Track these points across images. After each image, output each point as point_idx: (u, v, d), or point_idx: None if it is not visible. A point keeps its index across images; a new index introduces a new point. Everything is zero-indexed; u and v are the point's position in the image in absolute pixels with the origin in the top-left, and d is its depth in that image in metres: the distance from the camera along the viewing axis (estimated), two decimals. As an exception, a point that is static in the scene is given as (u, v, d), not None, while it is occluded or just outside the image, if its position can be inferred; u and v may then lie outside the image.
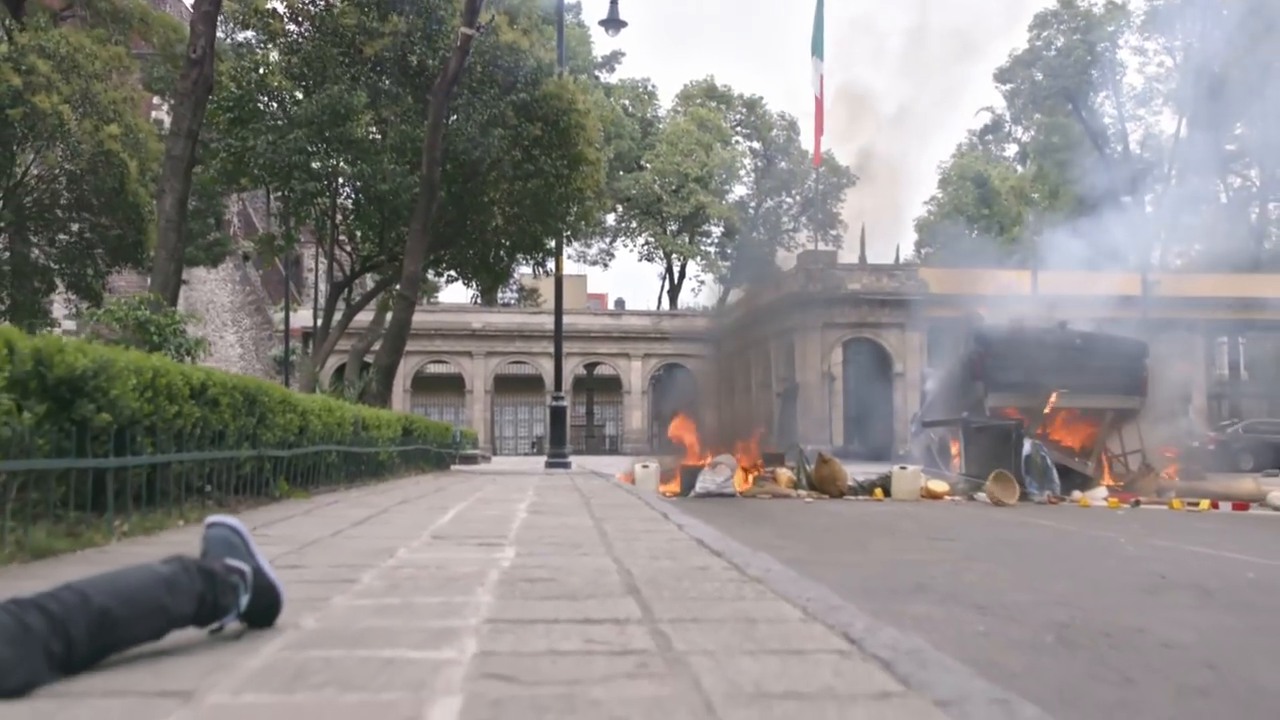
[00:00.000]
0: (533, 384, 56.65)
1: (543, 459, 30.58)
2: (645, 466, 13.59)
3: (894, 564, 6.38)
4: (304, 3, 18.50)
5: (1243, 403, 44.98)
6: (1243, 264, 43.07)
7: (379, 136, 18.80)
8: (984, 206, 58.05)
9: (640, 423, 56.21)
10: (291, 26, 18.51)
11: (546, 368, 55.02)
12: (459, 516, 6.53)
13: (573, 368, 53.17)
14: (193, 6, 18.73)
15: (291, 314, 42.78)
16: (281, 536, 5.10)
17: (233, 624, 2.53)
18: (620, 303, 72.02)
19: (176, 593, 2.31)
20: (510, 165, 18.12)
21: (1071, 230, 34.21)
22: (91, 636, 2.10)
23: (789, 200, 67.14)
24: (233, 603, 2.48)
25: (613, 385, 58.55)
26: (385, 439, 12.50)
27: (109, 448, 4.99)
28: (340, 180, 18.86)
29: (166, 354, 10.75)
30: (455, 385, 55.51)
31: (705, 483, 13.29)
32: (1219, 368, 47.72)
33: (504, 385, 57.04)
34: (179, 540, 4.82)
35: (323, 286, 42.95)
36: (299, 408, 8.33)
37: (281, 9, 18.62)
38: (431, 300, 45.88)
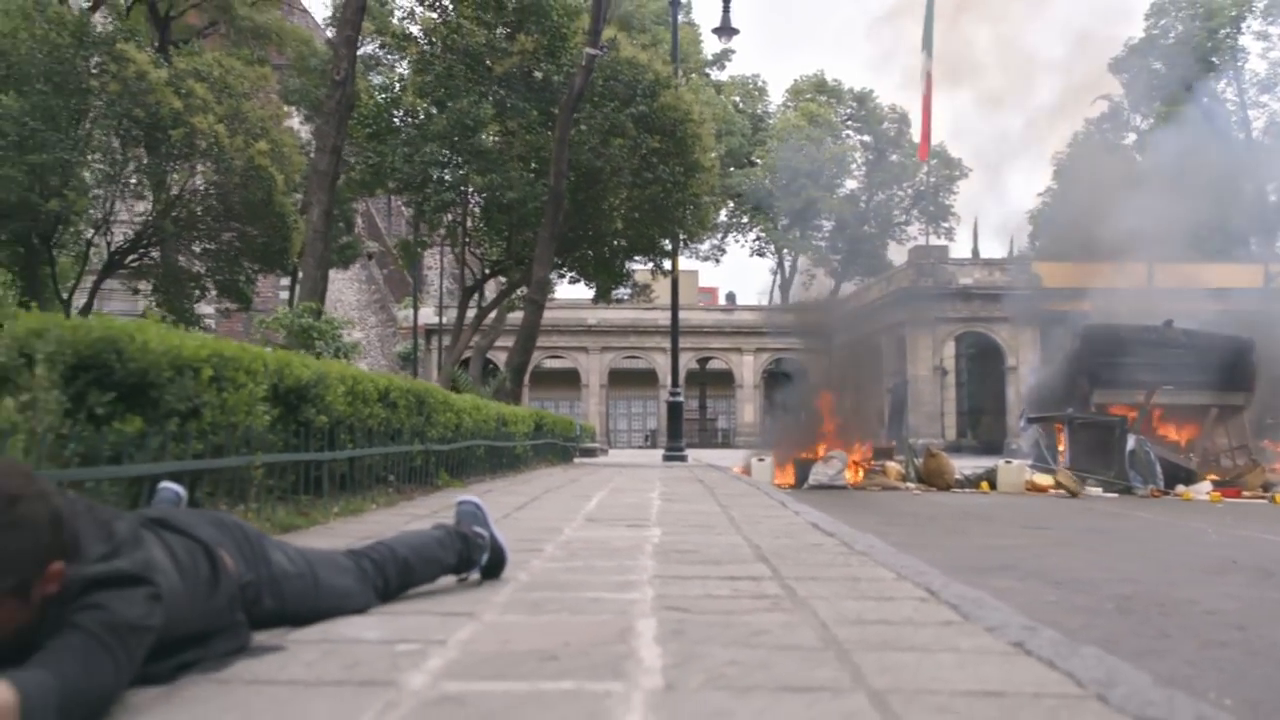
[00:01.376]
0: (646, 378, 57.79)
1: (656, 452, 31.59)
2: (761, 460, 14.43)
3: (987, 548, 7.16)
4: (435, 23, 19.72)
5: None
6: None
7: (505, 146, 19.94)
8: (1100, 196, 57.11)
9: (752, 416, 56.93)
10: (424, 46, 19.76)
11: (660, 362, 56.15)
12: (602, 504, 7.50)
13: (686, 362, 54.08)
14: (335, 31, 20.16)
15: (421, 310, 44.49)
16: (463, 518, 6.11)
17: (474, 575, 3.50)
18: (731, 297, 72.68)
19: (446, 549, 3.30)
20: (630, 173, 19.10)
21: (1191, 221, 33.87)
22: (399, 577, 3.09)
23: (900, 193, 66.99)
24: (478, 559, 3.46)
25: (725, 379, 59.35)
26: (520, 434, 13.59)
27: (323, 443, 6.07)
28: (470, 189, 20.03)
29: (324, 355, 11.98)
30: (571, 380, 56.92)
31: (818, 475, 14.10)
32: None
33: (618, 379, 58.27)
34: (380, 520, 5.86)
35: (450, 286, 44.58)
36: (455, 407, 9.41)
37: (415, 30, 19.89)
38: (549, 297, 47.40)
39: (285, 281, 37.66)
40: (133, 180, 22.82)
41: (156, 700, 1.94)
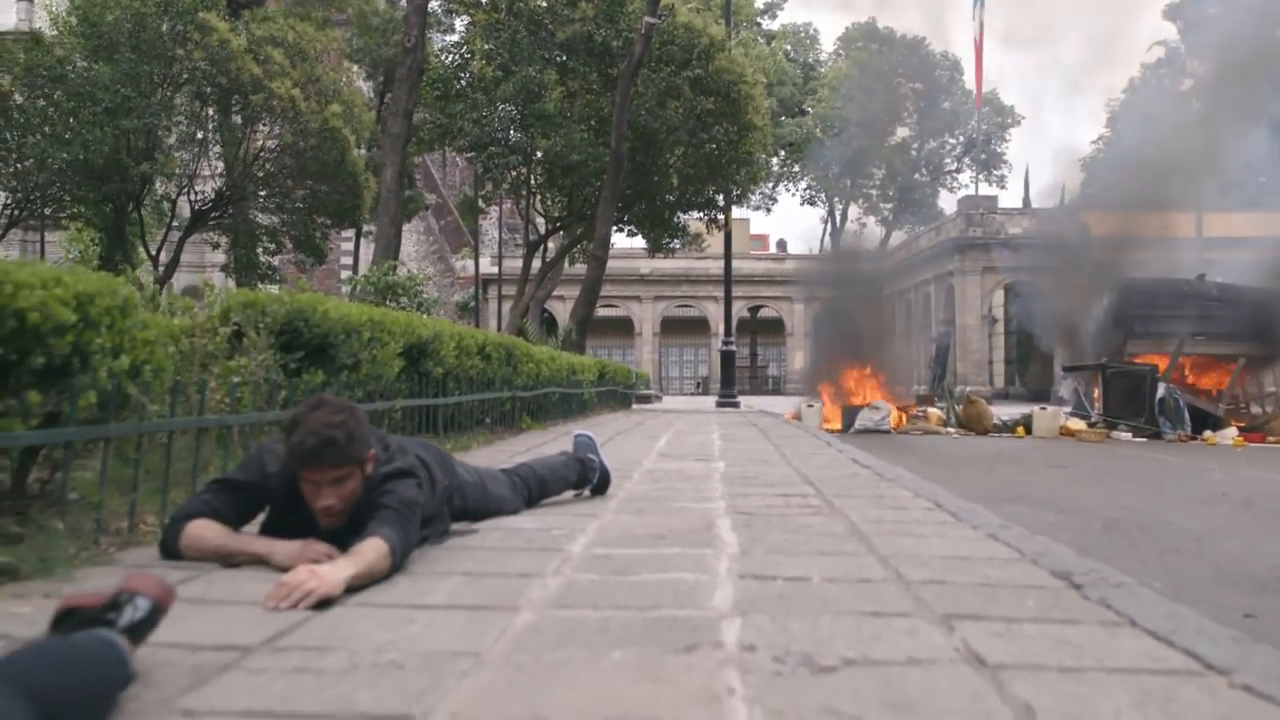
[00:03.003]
0: (698, 326, 58.78)
1: (708, 399, 32.59)
2: (810, 406, 15.43)
3: (1009, 482, 8.16)
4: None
5: None
6: None
7: (567, 109, 20.90)
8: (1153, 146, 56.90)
9: (803, 363, 57.78)
10: (490, 12, 20.73)
11: (711, 311, 57.10)
12: (670, 443, 8.59)
13: (737, 310, 54.94)
14: (407, 1, 21.12)
15: (471, 262, 45.69)
16: (555, 454, 7.23)
17: (587, 491, 4.59)
18: (782, 244, 73.15)
19: (569, 470, 4.40)
20: (685, 133, 20.02)
21: (1244, 168, 34.06)
22: (538, 489, 4.19)
23: (952, 141, 67.01)
24: (591, 479, 4.55)
25: (775, 327, 60.18)
26: (587, 381, 14.71)
27: (437, 390, 7.19)
28: (534, 151, 21.02)
29: (407, 309, 13.12)
30: (624, 328, 57.99)
31: (864, 420, 15.09)
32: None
33: (670, 327, 59.28)
34: (485, 456, 6.96)
35: (508, 238, 45.67)
36: (536, 358, 10.52)
37: (482, -2, 20.88)
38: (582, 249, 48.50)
39: (348, 236, 39.06)
40: (214, 143, 24.10)
41: (415, 559, 3.03)
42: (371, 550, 2.61)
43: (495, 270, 44.28)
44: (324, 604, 2.35)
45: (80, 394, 2.99)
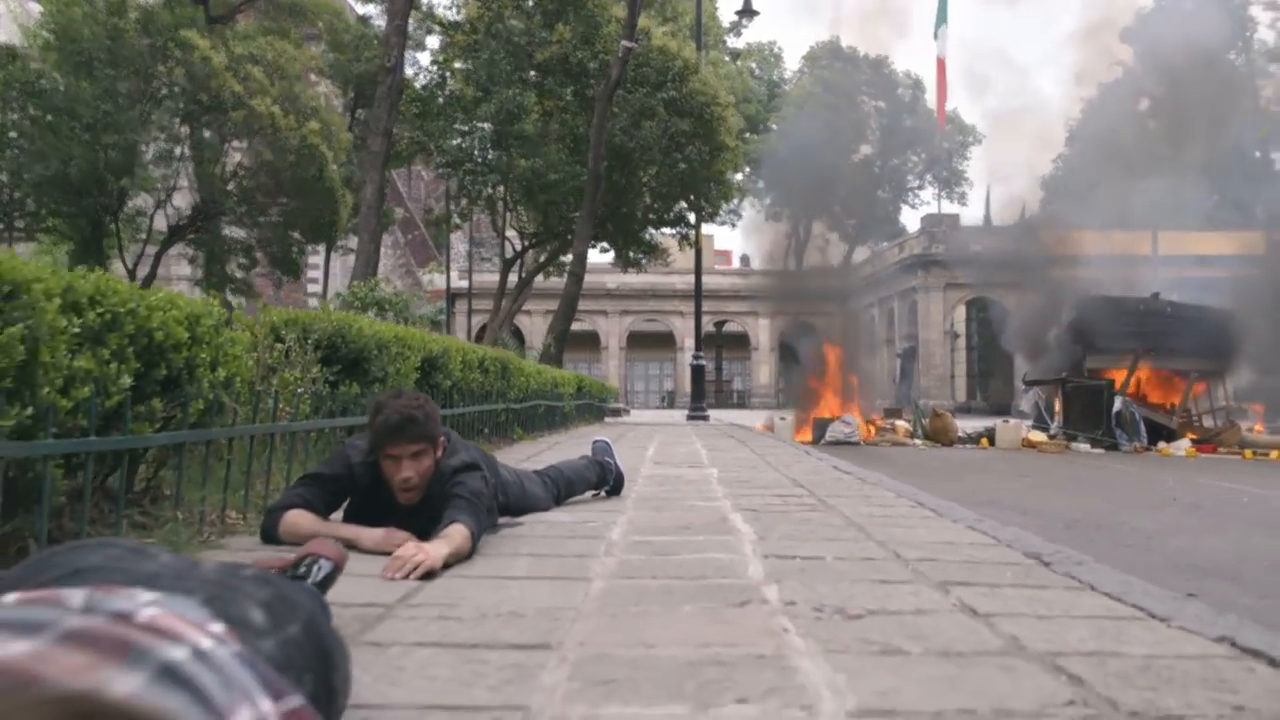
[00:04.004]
0: (663, 340, 59.34)
1: (675, 413, 33.04)
2: (783, 419, 15.99)
3: (977, 488, 8.73)
4: (480, 11, 21.16)
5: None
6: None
7: (544, 129, 21.42)
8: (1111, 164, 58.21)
9: (768, 378, 58.53)
10: (469, 34, 21.22)
11: (677, 325, 57.73)
12: (659, 452, 9.09)
13: (703, 325, 55.68)
14: (386, 21, 21.58)
15: (439, 276, 46.07)
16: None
17: (603, 493, 5.08)
18: (745, 260, 73.91)
19: (591, 472, 4.89)
20: (659, 152, 20.59)
21: (1197, 188, 35.09)
22: (566, 489, 4.68)
23: (914, 158, 68.08)
24: (609, 480, 5.04)
25: (740, 341, 60.86)
26: (568, 395, 15.19)
27: (445, 402, 7.65)
28: (512, 170, 21.48)
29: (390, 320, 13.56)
30: (591, 342, 58.39)
31: (835, 432, 15.67)
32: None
33: (636, 342, 59.79)
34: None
35: (480, 253, 46.04)
36: (525, 371, 11.00)
37: (458, 18, 21.33)
38: (557, 266, 49.11)
39: (315, 250, 39.36)
40: (190, 159, 24.40)
41: (481, 545, 3.51)
42: (458, 534, 3.09)
43: (464, 284, 44.70)
44: (428, 576, 2.83)
45: (191, 402, 3.46)
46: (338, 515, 3.53)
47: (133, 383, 3.07)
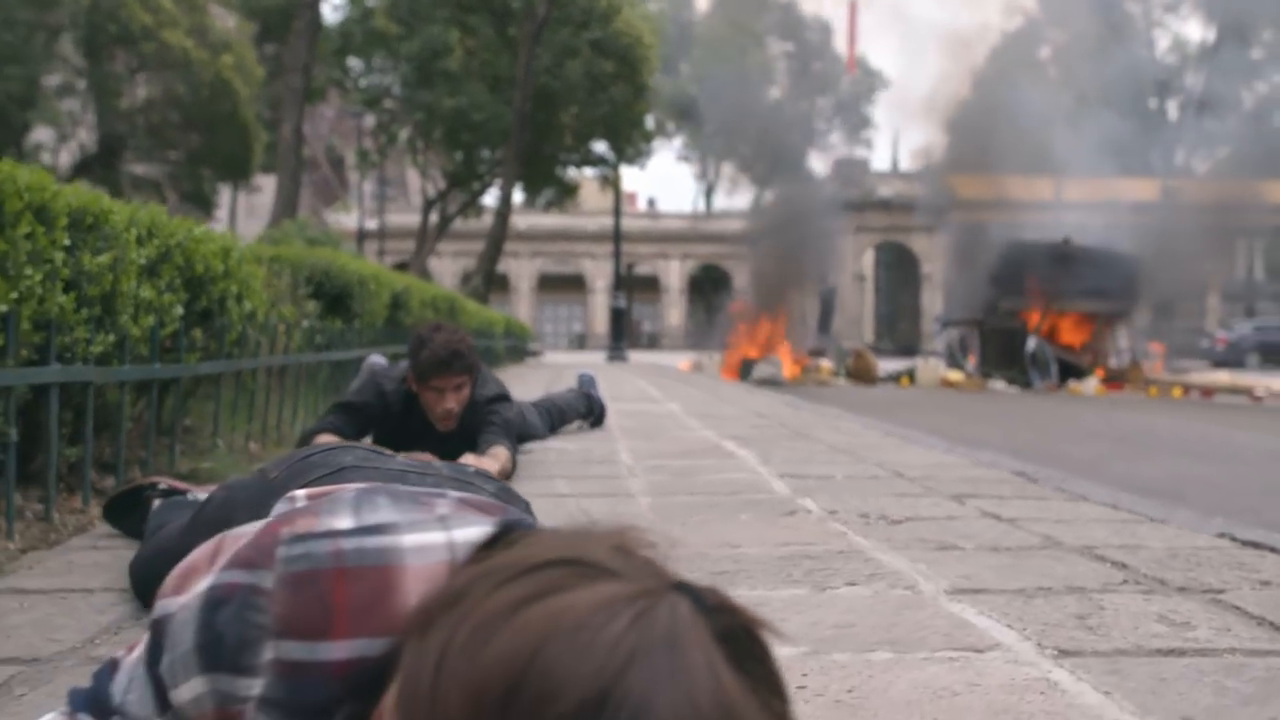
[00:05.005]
0: (573, 283, 59.35)
1: (586, 354, 33.24)
2: (711, 358, 16.31)
3: (913, 422, 9.11)
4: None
5: (1258, 304, 47.05)
6: (1268, 170, 44.73)
7: (468, 68, 21.21)
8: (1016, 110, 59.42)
9: (679, 320, 58.98)
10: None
11: (588, 267, 57.76)
12: (610, 390, 9.29)
13: (611, 268, 55.80)
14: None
15: (345, 216, 45.39)
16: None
17: (587, 425, 5.29)
18: (651, 202, 73.99)
19: (579, 404, 5.10)
20: (584, 93, 20.60)
21: (1098, 134, 36.06)
22: (559, 419, 4.88)
23: (822, 102, 68.64)
24: (592, 411, 5.25)
25: (650, 284, 61.12)
26: (499, 334, 15.29)
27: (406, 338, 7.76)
28: (434, 111, 21.24)
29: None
30: (500, 283, 58.08)
31: (760, 372, 16.02)
32: (1237, 271, 49.71)
33: (546, 284, 59.69)
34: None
35: (391, 194, 45.40)
36: (468, 310, 11.10)
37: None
38: (476, 207, 48.69)
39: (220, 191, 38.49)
40: (93, 93, 23.67)
41: (503, 465, 3.70)
42: (503, 455, 3.28)
43: (374, 225, 44.12)
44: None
45: (227, 332, 3.57)
46: (365, 442, 3.69)
47: (182, 313, 3.19)
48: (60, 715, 0.97)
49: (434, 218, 24.09)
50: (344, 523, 0.91)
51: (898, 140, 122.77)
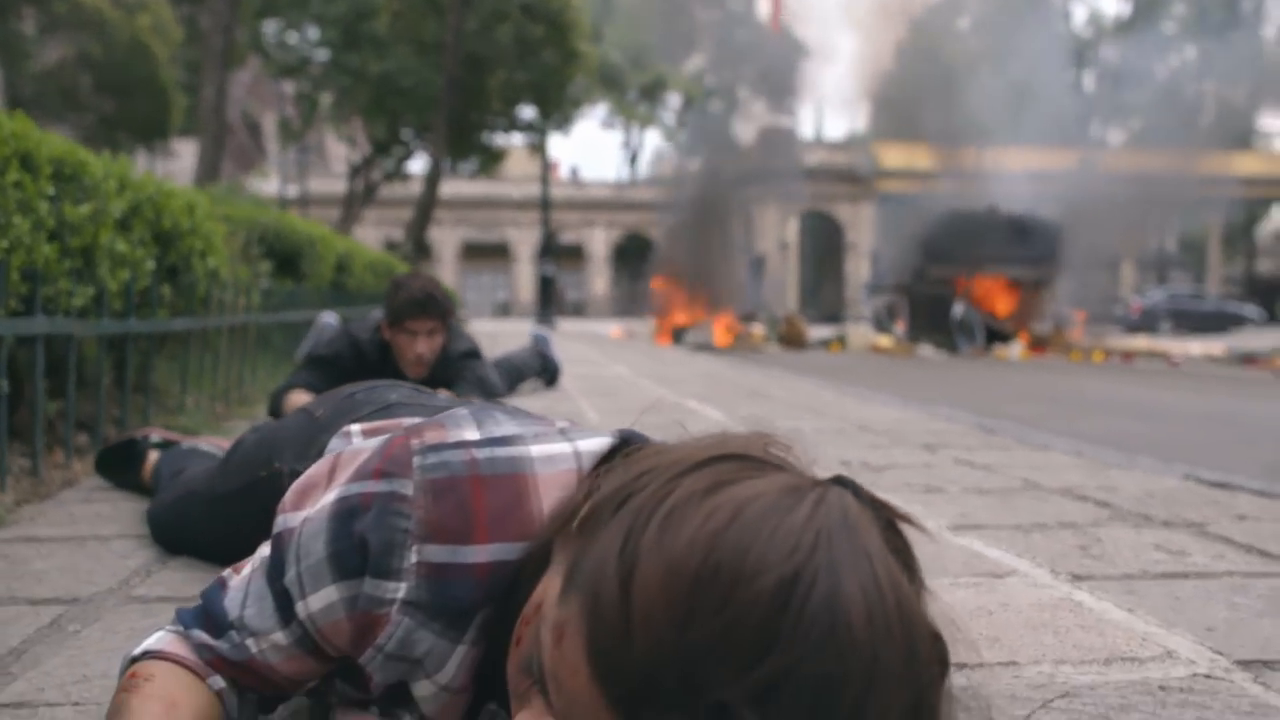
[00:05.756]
0: (497, 251, 58.97)
1: (512, 322, 33.13)
2: (643, 325, 16.35)
3: (853, 383, 9.28)
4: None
5: (1170, 272, 48.38)
6: (1180, 140, 45.88)
7: (395, 31, 20.86)
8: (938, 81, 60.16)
9: (604, 288, 58.94)
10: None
11: (512, 236, 57.44)
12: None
13: (535, 236, 55.55)
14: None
15: (261, 182, 44.55)
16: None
17: (541, 382, 5.31)
18: (574, 171, 73.72)
19: (533, 361, 5.12)
20: (513, 58, 20.40)
21: (1017, 105, 36.61)
22: (515, 378, 4.89)
23: (746, 70, 68.75)
24: (550, 369, 5.27)
25: (575, 253, 60.95)
26: (433, 301, 15.19)
27: (350, 301, 7.69)
28: (361, 76, 20.88)
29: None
30: (423, 252, 57.49)
31: (693, 338, 16.14)
32: (1151, 241, 50.99)
33: (469, 252, 59.23)
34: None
35: (313, 160, 44.69)
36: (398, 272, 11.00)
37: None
38: (401, 174, 48.05)
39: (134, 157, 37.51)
40: (2, 55, 22.89)
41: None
42: (479, 409, 3.30)
43: (293, 192, 43.41)
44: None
45: (194, 289, 3.53)
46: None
47: (154, 268, 3.14)
48: (171, 632, 0.99)
49: (357, 185, 23.76)
50: (472, 434, 0.94)
51: (821, 110, 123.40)
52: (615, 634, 0.65)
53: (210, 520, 1.67)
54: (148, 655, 0.96)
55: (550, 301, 23.70)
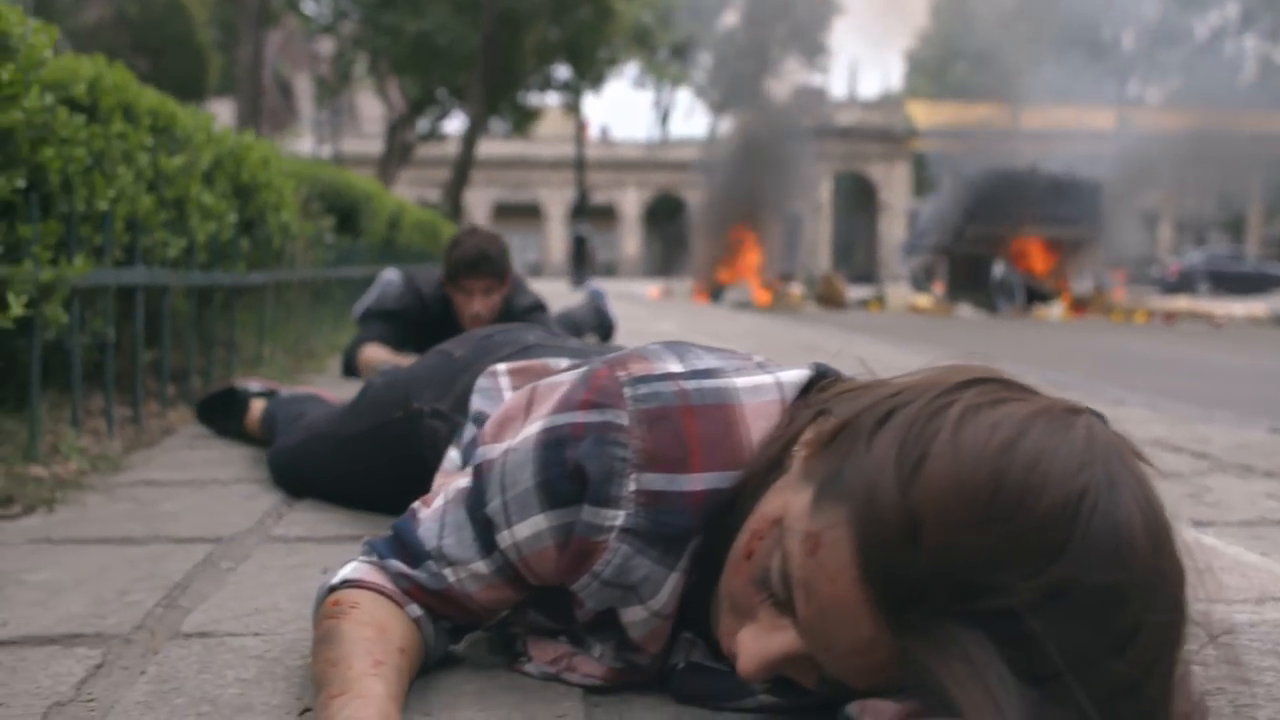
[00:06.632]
0: (529, 211, 58.92)
1: (545, 282, 33.20)
2: (683, 283, 16.36)
3: (899, 339, 9.27)
4: None
5: (1209, 233, 47.80)
6: (1219, 100, 45.17)
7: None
8: (971, 38, 59.43)
9: (635, 249, 58.84)
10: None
11: (544, 196, 57.37)
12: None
13: (570, 196, 55.47)
14: None
15: (295, 141, 44.65)
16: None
17: (597, 336, 5.34)
18: (604, 131, 73.35)
19: (590, 316, 5.15)
20: (549, 15, 20.31)
21: (1056, 64, 36.13)
22: (574, 332, 4.92)
23: (778, 28, 68.06)
24: (602, 325, 5.30)
25: (606, 213, 60.81)
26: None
27: (400, 258, 7.74)
28: (400, 35, 20.79)
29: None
30: (458, 212, 57.54)
31: (732, 297, 16.12)
32: (1190, 200, 50.32)
33: (501, 212, 59.22)
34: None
35: (339, 121, 44.72)
36: (445, 234, 11.03)
37: None
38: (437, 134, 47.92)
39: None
40: (40, 16, 22.99)
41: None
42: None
43: (326, 152, 43.48)
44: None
45: (269, 242, 3.56)
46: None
47: (235, 221, 3.18)
48: (365, 563, 1.01)
49: (394, 145, 23.77)
50: (675, 367, 0.96)
51: (855, 69, 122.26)
52: (893, 538, 0.67)
53: (338, 461, 1.70)
54: (346, 584, 0.99)
55: (583, 262, 23.71)
